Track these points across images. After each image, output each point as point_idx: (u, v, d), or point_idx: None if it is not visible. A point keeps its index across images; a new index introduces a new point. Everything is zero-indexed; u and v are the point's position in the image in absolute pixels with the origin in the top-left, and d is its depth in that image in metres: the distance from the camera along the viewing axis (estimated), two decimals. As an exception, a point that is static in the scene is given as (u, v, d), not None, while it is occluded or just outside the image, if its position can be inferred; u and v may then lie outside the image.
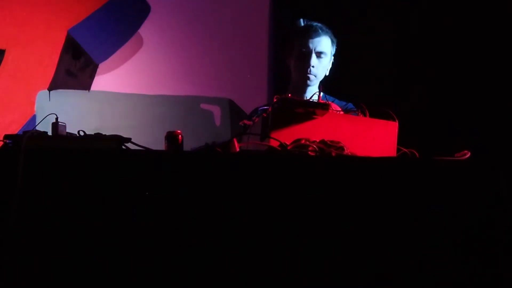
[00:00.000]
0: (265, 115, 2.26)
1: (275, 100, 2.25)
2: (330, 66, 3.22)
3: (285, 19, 4.28)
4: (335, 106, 2.41)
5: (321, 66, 3.16)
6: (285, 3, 4.36)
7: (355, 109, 2.43)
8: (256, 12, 4.36)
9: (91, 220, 1.93)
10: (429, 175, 2.08)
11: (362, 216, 2.02)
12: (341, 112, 2.36)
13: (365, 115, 2.31)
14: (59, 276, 1.91)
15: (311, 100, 2.32)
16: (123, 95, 4.27)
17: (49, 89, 4.17)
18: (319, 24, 3.19)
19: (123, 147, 2.08)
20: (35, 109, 4.14)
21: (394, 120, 2.32)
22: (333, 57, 3.22)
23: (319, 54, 3.15)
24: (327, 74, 3.21)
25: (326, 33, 3.18)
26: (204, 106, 4.36)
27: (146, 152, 2.06)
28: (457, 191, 2.07)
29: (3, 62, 4.10)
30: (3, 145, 2.02)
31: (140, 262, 1.94)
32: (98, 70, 4.26)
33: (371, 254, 2.01)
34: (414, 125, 3.44)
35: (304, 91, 3.15)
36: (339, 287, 2.00)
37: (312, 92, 3.10)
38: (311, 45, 3.14)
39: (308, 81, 3.15)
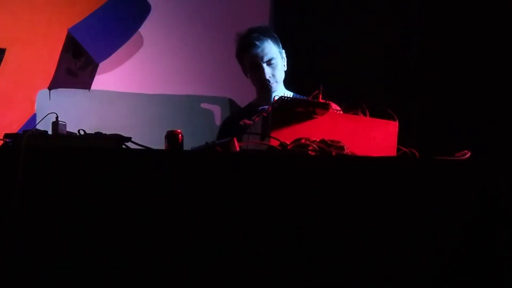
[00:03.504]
0: (265, 114, 2.26)
1: (275, 99, 2.25)
2: (285, 61, 3.20)
3: (286, 18, 4.28)
4: (335, 106, 2.41)
5: (276, 71, 3.15)
6: (286, 2, 4.36)
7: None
8: (257, 10, 4.36)
9: (91, 219, 1.93)
10: (429, 174, 2.08)
11: (362, 216, 2.02)
12: (341, 112, 2.36)
13: (365, 115, 2.31)
14: (59, 276, 1.91)
15: (310, 99, 2.32)
16: (123, 94, 4.27)
17: (50, 88, 4.17)
18: (255, 33, 3.13)
19: (123, 146, 2.08)
20: (35, 108, 4.14)
21: (394, 119, 2.32)
22: (283, 52, 3.19)
23: (269, 62, 3.13)
24: (286, 69, 3.20)
25: (266, 39, 3.13)
26: (204, 105, 4.36)
27: (146, 151, 2.06)
28: (457, 191, 2.06)
29: (3, 61, 4.10)
30: (3, 144, 2.01)
31: (140, 261, 1.94)
32: (99, 69, 4.26)
33: (371, 254, 2.01)
34: (414, 125, 3.44)
35: (271, 96, 3.09)
36: (339, 287, 2.00)
37: (279, 94, 3.08)
38: (258, 58, 3.12)
39: (272, 89, 3.15)
